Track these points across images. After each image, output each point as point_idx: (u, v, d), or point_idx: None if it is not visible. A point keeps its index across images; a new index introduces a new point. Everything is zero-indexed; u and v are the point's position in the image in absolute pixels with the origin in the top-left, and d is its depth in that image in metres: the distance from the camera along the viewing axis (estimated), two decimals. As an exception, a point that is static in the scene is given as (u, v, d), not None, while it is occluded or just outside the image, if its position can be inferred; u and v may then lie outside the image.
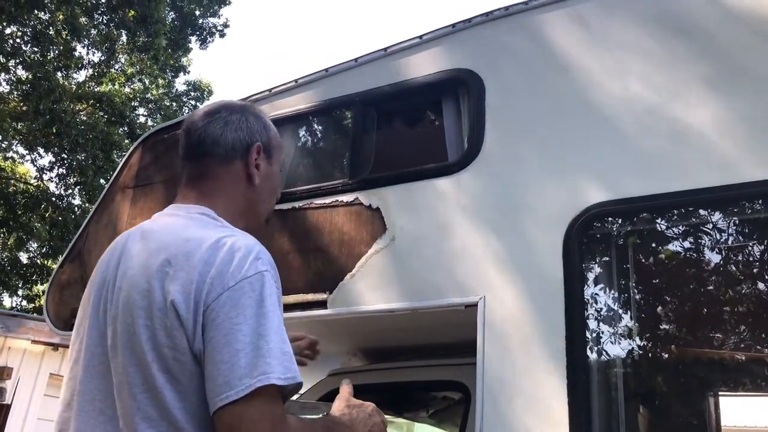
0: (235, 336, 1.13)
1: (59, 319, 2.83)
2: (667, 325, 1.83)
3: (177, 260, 1.22)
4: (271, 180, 1.54)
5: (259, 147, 1.49)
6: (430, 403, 3.05)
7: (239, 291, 1.17)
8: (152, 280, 1.22)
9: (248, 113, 1.53)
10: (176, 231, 1.32)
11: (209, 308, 1.16)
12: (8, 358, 7.88)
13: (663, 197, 1.74)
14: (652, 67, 1.87)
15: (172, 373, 1.16)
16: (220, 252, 1.22)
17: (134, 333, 1.20)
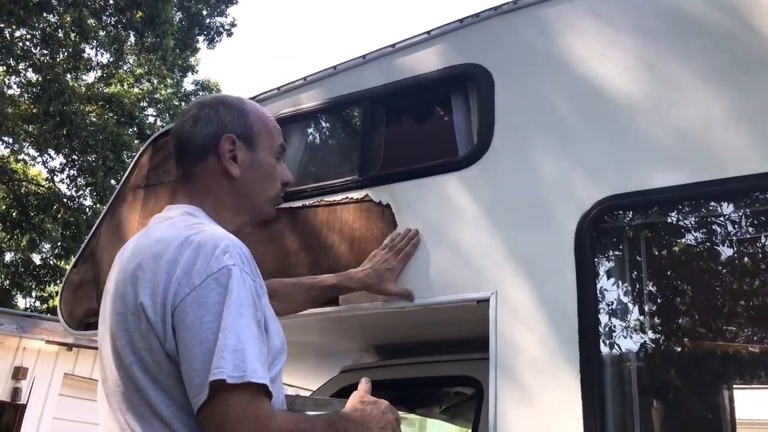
0: (205, 335, 1.12)
1: (73, 319, 2.86)
2: (681, 318, 1.82)
3: (147, 263, 1.23)
4: (258, 168, 1.49)
5: (229, 138, 1.45)
6: (442, 399, 3.05)
7: (206, 289, 1.16)
8: (127, 285, 1.24)
9: (218, 105, 1.49)
10: (151, 233, 1.33)
11: (177, 309, 1.16)
12: (23, 359, 7.96)
13: (675, 189, 1.73)
14: (663, 59, 1.86)
15: (153, 373, 1.18)
16: (186, 250, 1.21)
17: (116, 337, 1.23)
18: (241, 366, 1.10)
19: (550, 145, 1.95)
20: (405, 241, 2.04)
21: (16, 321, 7.82)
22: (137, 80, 16.63)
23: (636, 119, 1.84)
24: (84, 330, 2.80)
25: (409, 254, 2.02)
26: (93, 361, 8.62)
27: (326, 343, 2.67)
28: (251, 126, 1.49)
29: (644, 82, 1.86)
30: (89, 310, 2.81)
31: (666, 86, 1.83)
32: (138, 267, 1.24)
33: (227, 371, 1.08)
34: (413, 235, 2.05)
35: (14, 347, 7.94)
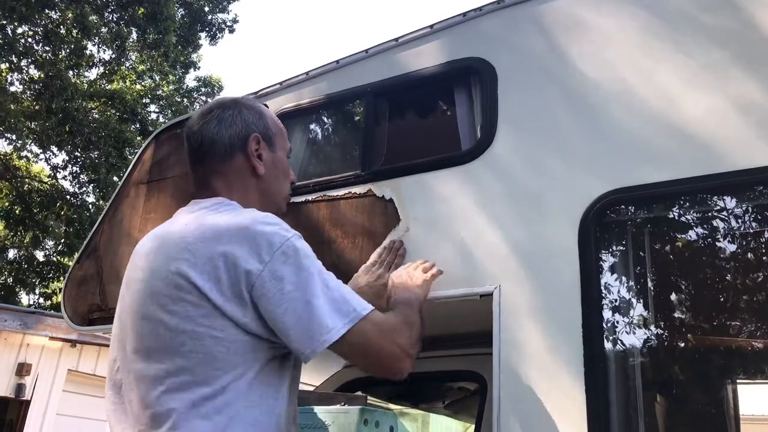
0: (293, 303, 1.27)
1: (76, 314, 2.86)
2: (685, 312, 1.81)
3: (198, 248, 1.30)
4: (278, 166, 1.59)
5: (256, 137, 1.54)
6: (446, 394, 3.06)
7: (277, 262, 1.28)
8: (171, 273, 1.31)
9: (240, 106, 1.58)
10: (189, 221, 1.40)
11: (255, 286, 1.27)
12: (27, 355, 7.97)
13: (679, 183, 1.73)
14: (667, 53, 1.85)
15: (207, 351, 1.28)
16: (244, 232, 1.31)
17: (158, 323, 1.31)
18: (346, 309, 1.31)
19: (553, 139, 1.94)
20: (392, 255, 2.02)
21: (20, 317, 7.83)
22: (139, 77, 16.64)
23: (640, 113, 1.83)
24: (87, 326, 2.80)
25: (399, 266, 2.00)
26: (96, 358, 8.64)
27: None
28: (270, 127, 1.60)
29: (648, 76, 1.85)
30: (93, 305, 2.81)
31: (670, 79, 1.82)
32: (186, 252, 1.31)
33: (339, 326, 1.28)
34: (398, 246, 2.04)
35: (18, 343, 7.95)
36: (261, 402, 1.29)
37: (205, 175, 1.53)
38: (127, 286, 1.44)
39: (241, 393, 1.26)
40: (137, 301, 1.36)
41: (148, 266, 1.37)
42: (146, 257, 1.40)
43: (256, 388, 1.29)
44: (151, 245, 1.42)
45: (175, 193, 2.74)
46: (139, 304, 1.35)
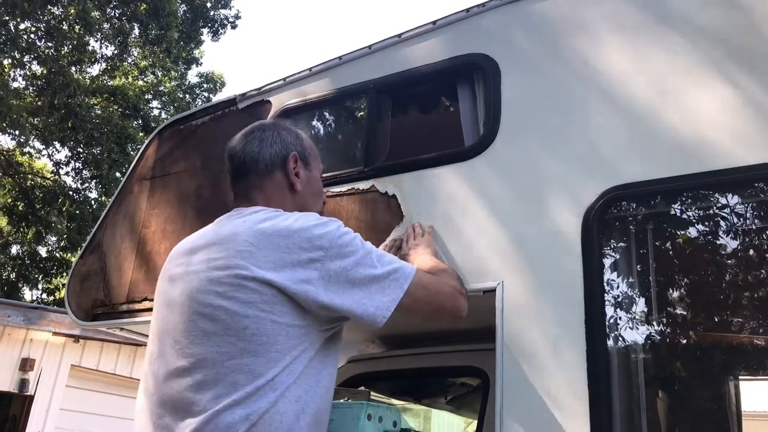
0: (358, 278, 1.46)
1: (80, 309, 2.87)
2: (688, 308, 1.81)
3: (260, 242, 1.43)
4: (313, 184, 1.73)
5: (295, 156, 1.68)
6: (448, 390, 3.06)
7: (335, 248, 1.45)
8: (231, 264, 1.42)
9: (280, 128, 1.73)
10: (238, 223, 1.52)
11: (322, 270, 1.43)
12: (31, 350, 8.00)
13: (682, 179, 1.72)
14: (670, 49, 1.85)
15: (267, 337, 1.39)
16: (300, 229, 1.45)
17: (213, 312, 1.41)
18: (400, 272, 1.53)
19: (556, 135, 1.94)
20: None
21: (23, 313, 7.85)
22: (141, 73, 16.63)
23: (643, 109, 1.83)
24: (91, 321, 2.81)
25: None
26: (99, 353, 8.67)
27: (332, 333, 2.68)
28: (306, 148, 1.74)
29: (652, 71, 1.85)
30: (96, 301, 2.82)
31: (673, 75, 1.82)
32: (246, 244, 1.42)
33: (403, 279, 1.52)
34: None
35: (21, 339, 7.98)
36: (306, 380, 1.41)
37: (247, 189, 1.66)
38: (171, 281, 1.53)
39: (294, 373, 1.38)
40: (190, 291, 1.45)
41: (204, 258, 1.47)
42: (196, 254, 1.51)
43: (308, 368, 1.41)
44: (200, 243, 1.54)
45: (178, 189, 2.75)
46: (194, 293, 1.44)
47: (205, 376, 1.35)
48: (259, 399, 1.32)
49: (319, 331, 1.45)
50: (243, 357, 1.34)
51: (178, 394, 1.37)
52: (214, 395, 1.33)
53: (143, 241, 2.76)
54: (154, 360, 1.48)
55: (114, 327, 2.80)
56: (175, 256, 1.60)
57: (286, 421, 1.34)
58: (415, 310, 1.59)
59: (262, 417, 1.31)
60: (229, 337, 1.36)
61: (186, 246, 1.59)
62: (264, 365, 1.34)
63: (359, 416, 1.72)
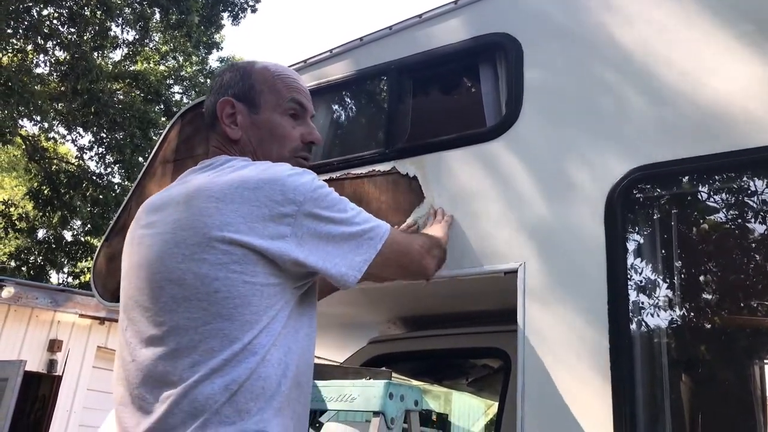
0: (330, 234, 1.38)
1: (106, 291, 2.92)
2: (712, 292, 1.79)
3: (226, 196, 1.32)
4: (261, 127, 1.52)
5: (226, 101, 1.51)
6: (469, 371, 3.07)
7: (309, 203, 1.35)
8: (199, 222, 1.33)
9: (226, 72, 1.57)
10: (202, 178, 1.41)
11: (294, 225, 1.32)
12: (58, 332, 8.17)
13: (708, 159, 1.69)
14: (698, 26, 1.81)
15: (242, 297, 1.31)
16: (271, 180, 1.33)
17: (183, 273, 1.34)
18: (375, 230, 1.45)
19: (579, 115, 1.92)
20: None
21: (51, 295, 8.01)
22: (163, 57, 16.73)
23: (668, 87, 1.80)
24: (117, 302, 2.85)
25: None
26: (124, 335, 8.80)
27: (353, 314, 2.70)
28: (252, 86, 1.53)
29: (678, 49, 1.81)
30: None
31: (701, 52, 1.78)
32: (212, 200, 1.31)
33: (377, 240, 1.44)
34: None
35: (49, 321, 8.15)
36: (285, 342, 1.32)
37: (208, 142, 1.57)
38: (138, 243, 1.42)
39: (273, 334, 1.30)
40: (156, 254, 1.35)
41: (169, 219, 1.36)
42: (161, 212, 1.40)
43: (285, 329, 1.33)
44: (165, 200, 1.42)
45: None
46: (160, 256, 1.34)
47: (179, 344, 1.27)
48: (237, 365, 1.24)
49: (293, 288, 1.36)
50: (216, 322, 1.25)
51: (153, 363, 1.29)
52: (189, 363, 1.25)
53: (167, 224, 2.79)
54: (126, 328, 1.39)
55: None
56: (140, 215, 1.48)
57: (269, 387, 1.27)
58: (384, 272, 1.53)
59: (243, 385, 1.24)
60: (200, 302, 1.27)
61: (151, 204, 1.47)
62: (239, 329, 1.26)
63: (381, 395, 1.74)
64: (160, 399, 1.26)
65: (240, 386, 1.23)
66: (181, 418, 1.22)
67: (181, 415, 1.22)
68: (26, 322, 7.93)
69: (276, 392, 1.28)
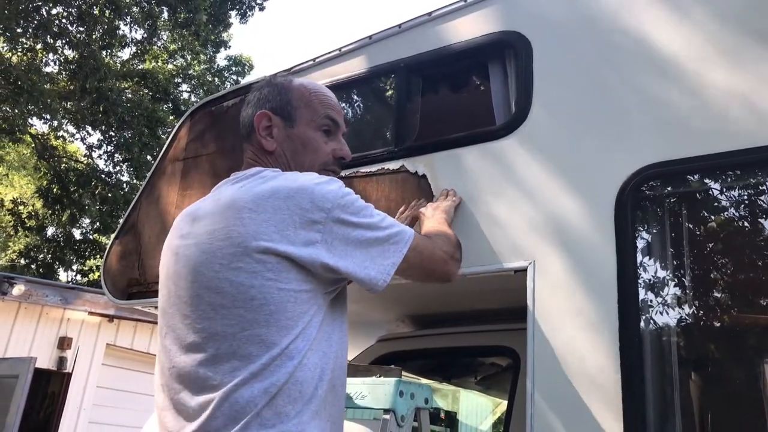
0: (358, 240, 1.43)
1: (117, 289, 2.93)
2: (723, 290, 1.78)
3: (259, 206, 1.37)
4: (295, 140, 1.59)
5: (263, 114, 1.58)
6: (478, 370, 3.07)
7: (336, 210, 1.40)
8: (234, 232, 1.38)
9: (265, 85, 1.64)
10: (233, 189, 1.47)
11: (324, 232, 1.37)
12: (68, 329, 8.22)
13: (719, 157, 1.69)
14: (708, 22, 1.80)
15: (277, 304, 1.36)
16: (300, 190, 1.39)
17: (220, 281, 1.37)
18: (400, 236, 1.48)
19: (589, 113, 1.91)
20: (413, 210, 2.08)
21: (60, 293, 8.06)
22: (171, 56, 16.77)
23: (678, 85, 1.79)
24: (127, 300, 2.87)
25: (415, 218, 2.04)
26: (133, 333, 8.87)
27: (361, 312, 2.70)
28: (289, 101, 1.60)
29: (688, 46, 1.81)
30: (132, 280, 2.88)
31: (710, 50, 1.78)
32: (245, 211, 1.37)
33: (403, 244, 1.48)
34: (421, 203, 2.08)
35: (59, 318, 8.20)
36: (320, 346, 1.37)
37: (244, 154, 1.62)
38: (175, 252, 1.48)
39: (308, 339, 1.34)
40: (194, 264, 1.40)
41: (204, 230, 1.41)
42: (197, 223, 1.46)
43: (320, 333, 1.38)
44: (200, 212, 1.48)
45: (210, 170, 2.78)
46: (197, 266, 1.39)
47: (218, 350, 1.32)
48: (276, 370, 1.29)
49: (324, 294, 1.41)
50: (254, 328, 1.31)
51: (193, 369, 1.35)
52: (229, 369, 1.30)
53: (176, 222, 2.80)
54: (166, 335, 1.45)
55: (149, 305, 2.85)
56: (176, 226, 1.55)
57: (306, 391, 1.31)
58: (408, 276, 1.57)
59: (282, 389, 1.28)
60: (237, 309, 1.32)
61: (187, 215, 1.54)
62: (276, 334, 1.31)
63: (392, 392, 1.74)
64: (201, 403, 1.31)
65: (279, 390, 1.28)
66: (223, 422, 1.27)
67: (223, 418, 1.27)
68: (36, 320, 7.99)
69: (313, 396, 1.33)
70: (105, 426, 8.41)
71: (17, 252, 17.10)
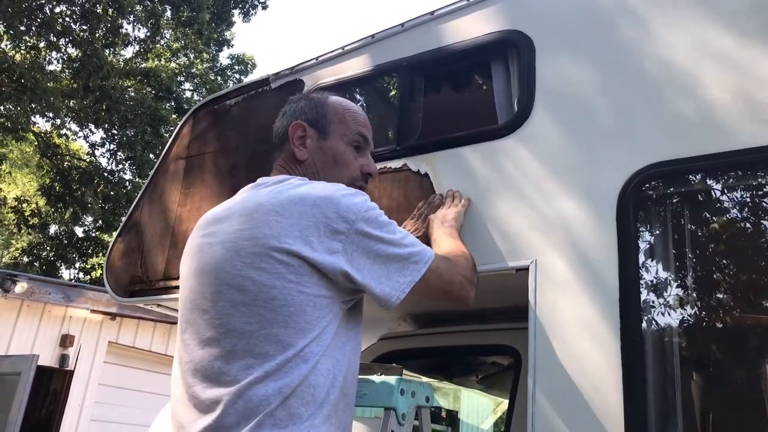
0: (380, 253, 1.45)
1: (119, 287, 2.94)
2: (725, 290, 1.78)
3: (286, 210, 1.42)
4: (327, 152, 1.66)
5: (298, 125, 1.65)
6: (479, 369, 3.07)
7: (360, 222, 1.43)
8: (259, 233, 1.41)
9: (302, 98, 1.72)
10: (262, 193, 1.51)
11: (346, 242, 1.41)
12: (70, 327, 8.24)
13: (721, 156, 1.69)
14: (709, 23, 1.80)
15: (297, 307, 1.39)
16: (327, 199, 1.42)
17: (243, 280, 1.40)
18: (420, 255, 1.50)
19: (591, 112, 1.91)
20: (428, 208, 2.06)
21: (63, 290, 8.08)
22: (174, 55, 16.79)
23: (681, 84, 1.79)
24: (129, 297, 2.88)
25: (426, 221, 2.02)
26: (135, 330, 8.89)
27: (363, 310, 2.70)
28: (325, 115, 1.68)
29: (690, 46, 1.81)
30: (134, 278, 2.88)
31: (713, 50, 1.78)
32: (272, 213, 1.41)
33: (422, 264, 1.49)
34: (438, 201, 2.06)
35: (61, 316, 8.22)
36: (334, 353, 1.40)
37: (273, 162, 1.68)
38: (198, 250, 1.52)
39: (323, 345, 1.37)
40: (217, 261, 1.43)
41: (230, 229, 1.45)
42: (222, 223, 1.49)
43: (334, 340, 1.40)
44: (226, 213, 1.52)
45: (213, 168, 2.78)
46: (221, 263, 1.42)
47: (235, 346, 1.35)
48: (290, 371, 1.32)
49: (341, 302, 1.43)
50: (272, 327, 1.34)
51: (209, 363, 1.38)
52: (244, 365, 1.33)
53: (179, 220, 2.81)
54: (185, 330, 1.48)
55: (151, 303, 2.86)
56: (201, 225, 1.59)
57: (318, 395, 1.34)
58: (425, 295, 1.57)
59: (295, 390, 1.31)
60: (257, 307, 1.35)
61: (212, 216, 1.58)
62: (293, 335, 1.33)
63: (393, 390, 1.75)
64: (214, 398, 1.34)
65: (293, 391, 1.31)
66: (236, 419, 1.30)
67: (236, 415, 1.30)
68: (39, 317, 8.01)
69: (325, 400, 1.35)
70: (107, 423, 8.43)
71: (20, 250, 17.15)
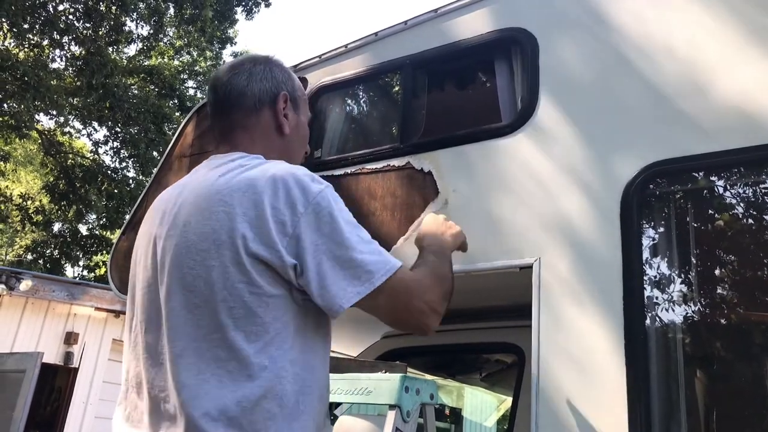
0: (331, 253, 1.26)
1: (123, 284, 2.94)
2: (728, 287, 1.78)
3: (235, 200, 1.27)
4: (300, 130, 1.55)
5: (285, 96, 1.51)
6: (482, 366, 3.08)
7: (312, 214, 1.26)
8: (211, 223, 1.27)
9: (272, 64, 1.55)
10: (213, 177, 1.35)
11: (292, 236, 1.24)
12: (74, 325, 8.26)
13: (725, 154, 1.69)
14: (714, 20, 1.80)
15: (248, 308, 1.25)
16: (279, 184, 1.28)
17: (192, 277, 1.29)
18: (376, 265, 1.27)
19: (595, 110, 1.91)
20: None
21: (67, 288, 8.11)
22: (177, 52, 16.82)
23: (685, 82, 1.79)
24: (133, 295, 2.88)
25: None
26: (139, 328, 8.90)
27: (367, 309, 2.70)
28: (297, 89, 1.56)
29: (695, 44, 1.80)
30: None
31: (717, 47, 1.77)
32: (221, 204, 1.27)
33: (378, 276, 1.27)
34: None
35: (66, 313, 8.25)
36: (302, 356, 1.27)
37: (230, 128, 1.49)
38: (147, 243, 1.39)
39: (284, 347, 1.24)
40: (168, 258, 1.31)
41: (179, 221, 1.32)
42: (172, 213, 1.36)
43: (297, 342, 1.27)
44: (177, 200, 1.37)
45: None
46: (171, 259, 1.30)
47: (184, 349, 1.23)
48: (249, 380, 1.20)
49: (302, 301, 1.28)
50: (222, 331, 1.21)
51: (158, 367, 1.27)
52: (195, 371, 1.21)
53: (183, 218, 2.81)
54: (136, 325, 1.36)
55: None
56: (155, 211, 1.44)
57: (286, 406, 1.22)
58: (377, 315, 1.35)
59: (258, 404, 1.19)
60: (208, 309, 1.23)
61: (163, 201, 1.42)
62: (244, 340, 1.21)
63: (397, 388, 1.75)
64: (166, 405, 1.24)
65: (254, 404, 1.19)
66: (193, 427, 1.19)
67: (193, 423, 1.19)
68: (43, 315, 8.04)
69: (294, 411, 1.24)
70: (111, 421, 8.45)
71: (24, 247, 17.20)
